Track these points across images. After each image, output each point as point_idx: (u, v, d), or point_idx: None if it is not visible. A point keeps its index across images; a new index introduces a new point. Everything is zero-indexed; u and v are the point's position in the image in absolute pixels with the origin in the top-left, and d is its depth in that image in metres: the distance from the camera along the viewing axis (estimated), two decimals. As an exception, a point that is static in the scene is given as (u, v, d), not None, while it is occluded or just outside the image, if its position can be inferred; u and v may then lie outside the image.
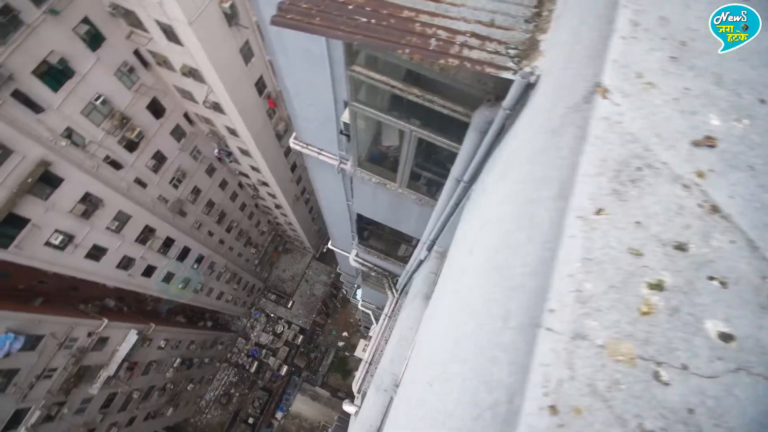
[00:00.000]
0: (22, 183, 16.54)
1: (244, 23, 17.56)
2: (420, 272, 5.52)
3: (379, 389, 4.13)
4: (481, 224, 1.79)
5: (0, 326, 18.39)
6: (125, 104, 19.30)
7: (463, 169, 2.92)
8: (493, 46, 2.02)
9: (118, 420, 29.77)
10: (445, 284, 2.24)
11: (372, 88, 3.46)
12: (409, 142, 3.63)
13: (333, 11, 2.22)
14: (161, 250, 26.53)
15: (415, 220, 5.38)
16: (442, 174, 4.26)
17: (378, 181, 4.72)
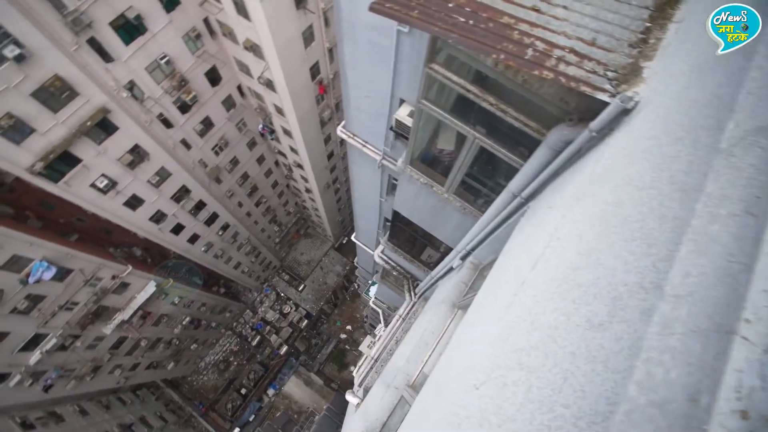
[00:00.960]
0: (82, 125, 17.53)
1: (311, 8, 17.92)
2: (448, 280, 5.49)
3: (389, 386, 4.15)
4: (549, 241, 1.78)
5: (36, 254, 19.60)
6: (186, 67, 20.09)
7: (523, 185, 2.88)
8: (591, 65, 1.99)
9: (123, 363, 31.17)
10: (492, 295, 2.23)
11: (441, 89, 3.47)
12: (469, 149, 3.62)
13: (432, 6, 2.24)
14: (192, 212, 27.52)
15: (452, 228, 5.35)
16: (493, 186, 4.22)
17: (426, 182, 4.72)
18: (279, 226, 42.73)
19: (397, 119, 7.30)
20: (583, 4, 2.15)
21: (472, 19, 2.18)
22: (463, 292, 4.35)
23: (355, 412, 5.92)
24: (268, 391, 44.44)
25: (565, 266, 1.45)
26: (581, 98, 2.26)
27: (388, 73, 6.83)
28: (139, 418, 34.82)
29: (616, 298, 1.05)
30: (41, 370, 23.77)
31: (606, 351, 0.97)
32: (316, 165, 30.07)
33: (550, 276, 1.53)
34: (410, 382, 4.00)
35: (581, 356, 1.05)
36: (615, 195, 1.41)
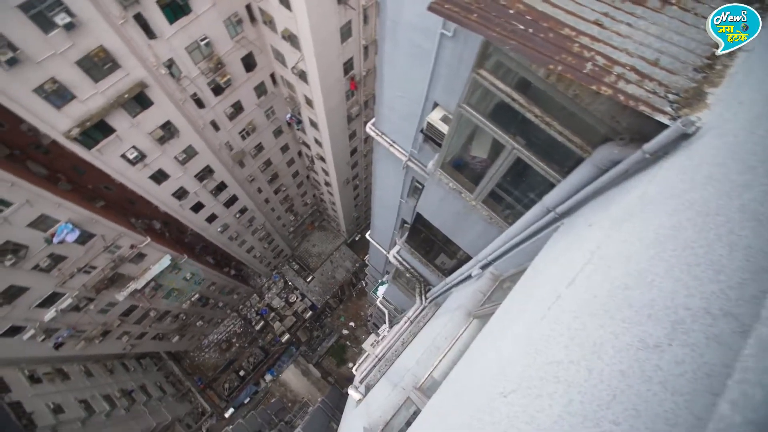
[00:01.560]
0: (120, 97, 18.08)
1: (353, 4, 18.06)
2: (464, 288, 5.45)
3: (396, 386, 4.14)
4: (590, 259, 1.75)
5: (63, 215, 20.31)
6: (224, 51, 20.50)
7: (559, 201, 2.84)
8: (652, 85, 1.95)
9: (130, 330, 32.02)
10: (521, 307, 2.21)
11: (484, 95, 3.45)
12: (505, 159, 3.59)
13: (492, 11, 2.23)
14: (213, 192, 28.07)
15: (474, 236, 5.31)
16: (523, 198, 4.17)
17: (454, 187, 4.70)
18: (295, 216, 43.18)
19: (428, 122, 7.30)
20: (648, 23, 2.11)
21: (531, 28, 2.16)
22: (480, 301, 4.31)
23: (356, 407, 5.94)
24: (265, 377, 44.99)
25: (612, 285, 1.43)
26: (634, 118, 2.22)
27: (426, 75, 6.83)
28: (140, 385, 35.73)
29: (676, 322, 1.03)
30: (54, 328, 24.64)
31: (664, 373, 0.95)
32: (339, 159, 30.27)
33: (593, 293, 1.51)
34: (418, 385, 4.00)
35: (633, 375, 1.04)
36: (673, 219, 1.38)
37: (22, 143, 21.29)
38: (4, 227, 18.15)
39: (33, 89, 15.21)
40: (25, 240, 19.36)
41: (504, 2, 2.24)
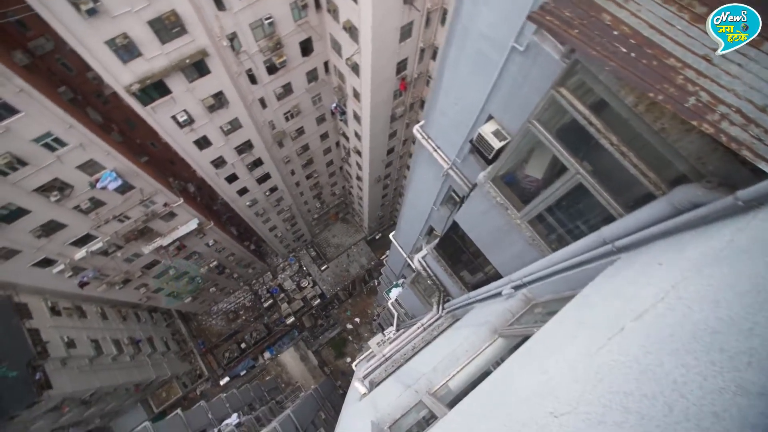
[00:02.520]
0: (181, 61, 18.81)
1: (418, 6, 18.09)
2: (490, 304, 5.37)
3: (409, 388, 4.14)
4: (663, 297, 1.69)
5: (109, 163, 21.36)
6: (285, 33, 21.00)
7: (621, 235, 2.75)
8: (758, 131, 1.85)
9: (149, 283, 33.33)
10: (571, 332, 2.16)
11: (555, 114, 3.38)
12: (565, 182, 3.51)
13: (594, 30, 2.19)
14: (249, 167, 28.82)
15: (510, 255, 5.22)
16: (574, 225, 4.07)
17: (501, 202, 4.64)
18: (321, 204, 43.73)
19: (480, 133, 7.23)
20: (761, 67, 2.00)
21: (635, 52, 2.10)
22: (509, 321, 4.24)
23: (360, 400, 5.96)
24: (264, 354, 45.83)
25: (695, 327, 1.37)
26: (725, 162, 2.12)
27: (486, 86, 6.78)
28: (148, 337, 37.16)
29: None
30: (82, 267, 25.97)
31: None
32: (375, 156, 30.44)
33: (669, 332, 1.45)
34: (432, 390, 3.98)
35: (731, 419, 1.00)
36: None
37: (85, 90, 22.57)
38: (55, 165, 19.26)
39: (105, 41, 16.04)
40: (71, 180, 20.50)
41: (608, 22, 2.18)
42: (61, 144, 18.68)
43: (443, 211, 12.08)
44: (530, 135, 3.55)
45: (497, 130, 7.13)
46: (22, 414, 24.25)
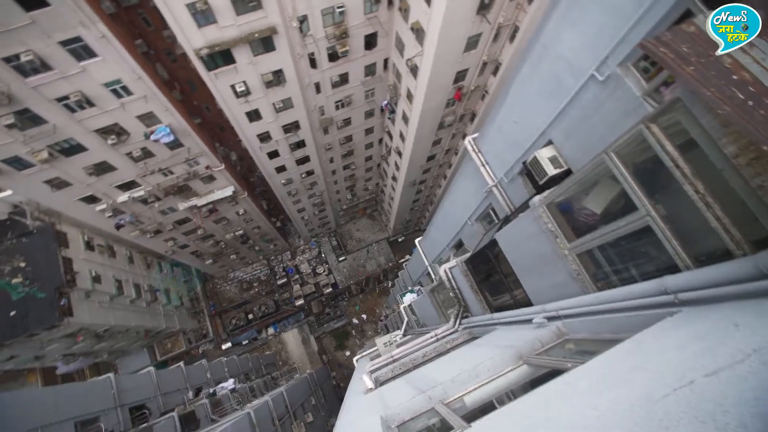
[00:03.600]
0: (251, 34, 19.46)
1: (490, 19, 17.91)
2: (516, 329, 5.25)
3: (423, 393, 4.11)
4: (741, 359, 1.59)
5: (166, 119, 22.37)
6: (353, 24, 21.31)
7: (688, 287, 2.61)
8: None
9: (177, 239, 34.71)
10: (624, 376, 2.08)
11: (636, 150, 3.25)
12: (630, 222, 3.37)
13: (711, 70, 2.08)
14: (292, 147, 29.46)
15: (549, 284, 5.07)
16: (629, 267, 3.90)
17: (552, 230, 4.51)
18: (352, 196, 44.10)
19: (535, 157, 7.07)
20: None
21: (753, 101, 1.98)
22: (537, 350, 4.12)
23: (365, 394, 5.98)
24: (269, 329, 46.77)
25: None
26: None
27: (553, 110, 6.62)
28: (165, 289, 38.76)
29: None
30: (121, 210, 27.39)
31: None
32: (414, 160, 30.41)
33: (754, 395, 1.37)
34: (446, 401, 3.95)
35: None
36: None
37: (158, 46, 23.76)
38: (118, 111, 20.40)
39: (186, 3, 16.82)
40: (129, 128, 21.65)
41: (728, 65, 2.07)
42: (128, 92, 19.75)
43: (477, 227, 11.91)
44: (603, 167, 3.43)
45: (554, 156, 6.96)
46: (42, 334, 25.88)
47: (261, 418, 15.54)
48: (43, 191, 22.96)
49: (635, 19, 4.58)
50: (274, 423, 17.10)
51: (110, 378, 14.39)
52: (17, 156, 20.04)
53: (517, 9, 17.35)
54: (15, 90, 17.08)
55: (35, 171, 21.24)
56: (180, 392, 19.16)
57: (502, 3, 17.20)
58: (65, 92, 18.23)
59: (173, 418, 13.73)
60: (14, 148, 19.54)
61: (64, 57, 16.95)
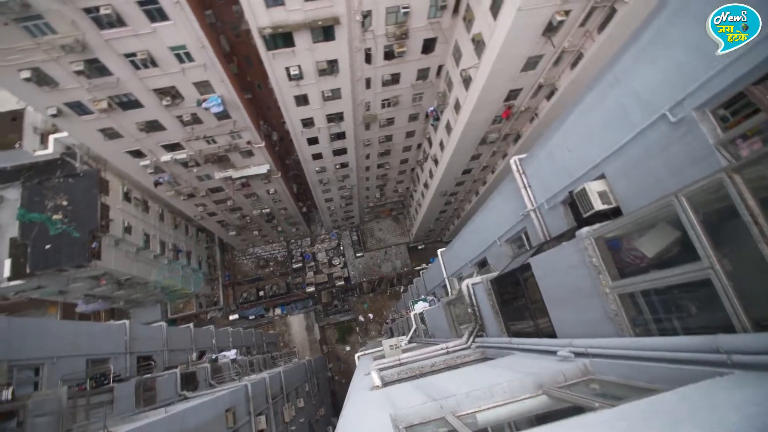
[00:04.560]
0: (314, 21, 19.86)
1: (555, 42, 17.52)
2: (536, 358, 5.10)
3: (434, 401, 4.08)
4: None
5: (219, 90, 23.12)
6: (415, 26, 21.37)
7: (745, 351, 2.46)
8: None
9: (207, 205, 35.87)
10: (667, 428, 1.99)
11: (712, 199, 3.08)
12: (689, 272, 3.20)
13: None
14: (332, 137, 29.85)
15: (581, 321, 4.90)
16: (676, 318, 3.72)
17: (596, 264, 4.35)
18: (381, 195, 44.24)
19: (584, 189, 6.85)
20: None
21: None
22: (559, 384, 3.99)
23: (371, 390, 5.98)
24: (276, 309, 47.61)
25: None
26: None
27: (613, 144, 6.39)
28: (188, 251, 40.14)
29: None
30: (162, 169, 28.56)
31: None
32: (450, 171, 30.19)
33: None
34: (458, 413, 3.91)
35: None
36: None
37: (225, 19, 24.63)
38: (178, 75, 21.28)
39: (259, -17, 17.37)
40: (184, 93, 22.54)
41: None
42: (190, 59, 20.57)
43: (505, 249, 11.67)
44: (668, 210, 3.28)
45: (605, 191, 6.72)
46: (69, 271, 27.35)
47: (256, 393, 15.83)
48: (95, 138, 24.24)
49: (723, 65, 4.36)
50: (268, 401, 17.37)
51: (125, 325, 15.03)
52: (80, 101, 21.26)
53: (585, 36, 16.89)
54: (89, 40, 18.11)
55: (93, 118, 22.46)
56: (185, 352, 19.79)
57: (570, 28, 16.79)
58: (134, 49, 19.18)
59: (176, 374, 14.18)
60: (78, 94, 20.72)
61: (139, 16, 17.84)
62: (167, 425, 9.11)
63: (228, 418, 12.47)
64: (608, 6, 15.43)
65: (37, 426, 8.49)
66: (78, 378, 11.60)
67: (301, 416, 22.56)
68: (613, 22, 15.71)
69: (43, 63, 18.65)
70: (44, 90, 19.89)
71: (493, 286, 7.62)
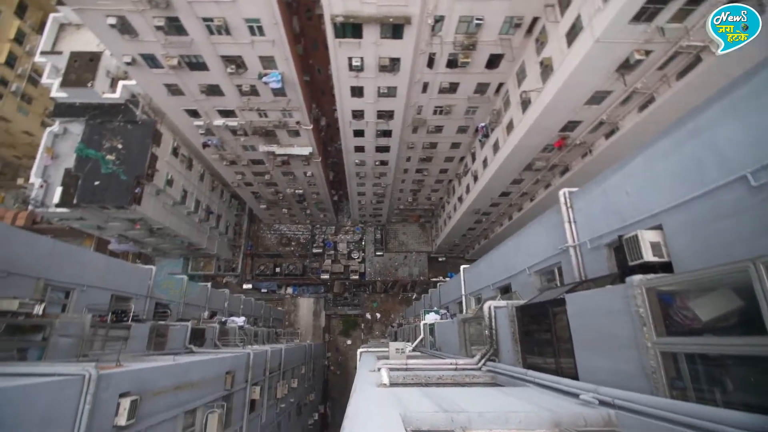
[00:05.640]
0: (385, 17, 20.02)
1: (629, 80, 16.81)
2: (555, 396, 4.91)
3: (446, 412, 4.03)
4: None
5: (281, 67, 23.73)
6: (485, 39, 21.15)
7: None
8: None
9: (245, 175, 36.95)
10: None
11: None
12: (752, 345, 2.97)
13: None
14: (378, 133, 30.00)
15: (611, 369, 4.67)
16: (725, 390, 3.47)
17: (642, 315, 4.13)
18: (413, 200, 44.13)
19: (637, 236, 6.53)
20: None
21: None
22: (579, 427, 3.82)
23: (377, 386, 5.95)
24: (288, 288, 48.50)
25: None
26: None
27: (680, 196, 6.04)
28: (219, 214, 41.57)
29: None
30: (212, 133, 29.71)
31: None
32: (488, 190, 29.71)
33: None
34: (468, 430, 3.85)
35: None
36: None
37: (302, 0, 25.27)
38: (247, 46, 22.03)
39: (342, -28, 17.67)
40: (249, 64, 23.31)
41: None
42: (261, 33, 21.25)
43: (533, 279, 11.33)
44: (738, 276, 3.05)
45: (659, 243, 6.38)
46: (111, 210, 28.93)
47: (257, 363, 16.15)
48: (160, 92, 25.51)
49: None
50: (265, 373, 17.68)
51: (152, 270, 15.74)
52: (153, 55, 22.43)
53: (662, 81, 16.12)
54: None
55: (161, 72, 23.65)
56: (198, 309, 20.49)
57: (648, 69, 16.07)
58: (212, 15, 20.02)
59: (187, 327, 14.69)
60: (154, 48, 21.87)
61: (223, -16, 18.60)
62: (173, 372, 9.46)
63: (227, 380, 12.79)
64: (693, 54, 14.65)
65: (58, 344, 9.03)
66: (101, 310, 12.24)
67: (292, 396, 22.86)
68: (696, 71, 14.91)
69: (129, 13, 19.82)
70: (125, 38, 21.12)
71: (518, 314, 7.41)
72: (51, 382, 6.07)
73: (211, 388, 11.72)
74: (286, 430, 22.27)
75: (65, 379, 6.31)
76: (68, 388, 6.32)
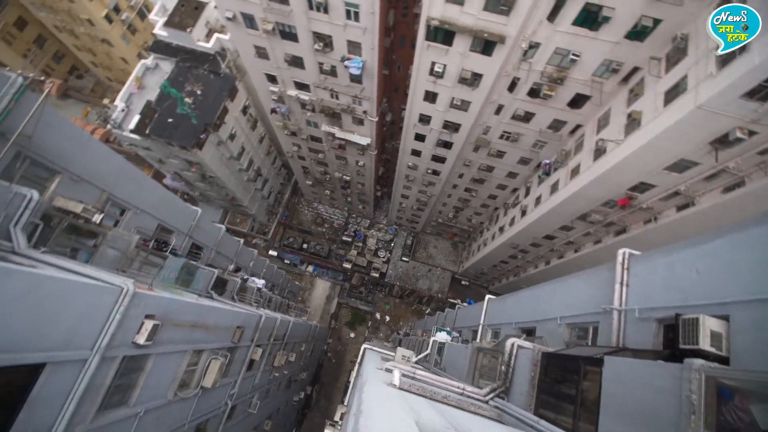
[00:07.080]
0: (481, 31, 19.76)
1: (721, 157, 15.54)
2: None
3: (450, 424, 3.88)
4: None
5: (365, 55, 24.16)
6: (575, 76, 20.41)
7: None
8: None
9: (301, 148, 37.99)
10: None
11: None
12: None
13: None
14: (438, 142, 29.79)
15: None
16: None
17: (694, 403, 3.77)
18: (453, 217, 43.57)
19: (697, 320, 6.00)
20: None
21: None
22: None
23: (387, 385, 5.89)
24: (309, 266, 49.46)
25: None
26: None
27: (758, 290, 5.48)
28: (265, 179, 43.11)
29: None
30: (283, 102, 30.82)
31: None
32: (532, 229, 28.76)
33: None
34: None
35: None
36: None
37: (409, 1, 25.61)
38: (339, 28, 22.56)
39: (451, -22, 17.68)
40: (336, 45, 23.89)
41: None
42: (356, 18, 21.73)
43: (563, 331, 10.78)
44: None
45: (720, 334, 5.82)
46: (175, 148, 30.77)
47: (265, 326, 16.58)
48: (248, 52, 26.76)
49: None
50: (269, 339, 18.12)
51: (198, 212, 16.56)
52: (252, 16, 23.56)
53: (759, 167, 14.81)
54: (288, -31, 19.92)
55: (255, 34, 24.81)
56: (227, 260, 21.33)
57: (745, 150, 14.81)
58: (317, -10, 20.74)
59: (213, 274, 15.32)
60: (255, 9, 22.97)
61: (336, -35, 19.20)
62: (194, 310, 9.89)
63: (236, 334, 13.22)
64: (804, 146, 13.33)
65: (105, 254, 9.71)
66: (146, 234, 13.04)
67: (287, 369, 23.27)
68: (802, 165, 13.56)
69: (244, -27, 20.93)
70: (233, -5, 22.38)
71: (543, 360, 7.06)
72: (95, 285, 6.51)
73: (220, 336, 12.16)
74: (273, 397, 22.72)
75: (107, 286, 6.75)
76: (107, 295, 6.75)
